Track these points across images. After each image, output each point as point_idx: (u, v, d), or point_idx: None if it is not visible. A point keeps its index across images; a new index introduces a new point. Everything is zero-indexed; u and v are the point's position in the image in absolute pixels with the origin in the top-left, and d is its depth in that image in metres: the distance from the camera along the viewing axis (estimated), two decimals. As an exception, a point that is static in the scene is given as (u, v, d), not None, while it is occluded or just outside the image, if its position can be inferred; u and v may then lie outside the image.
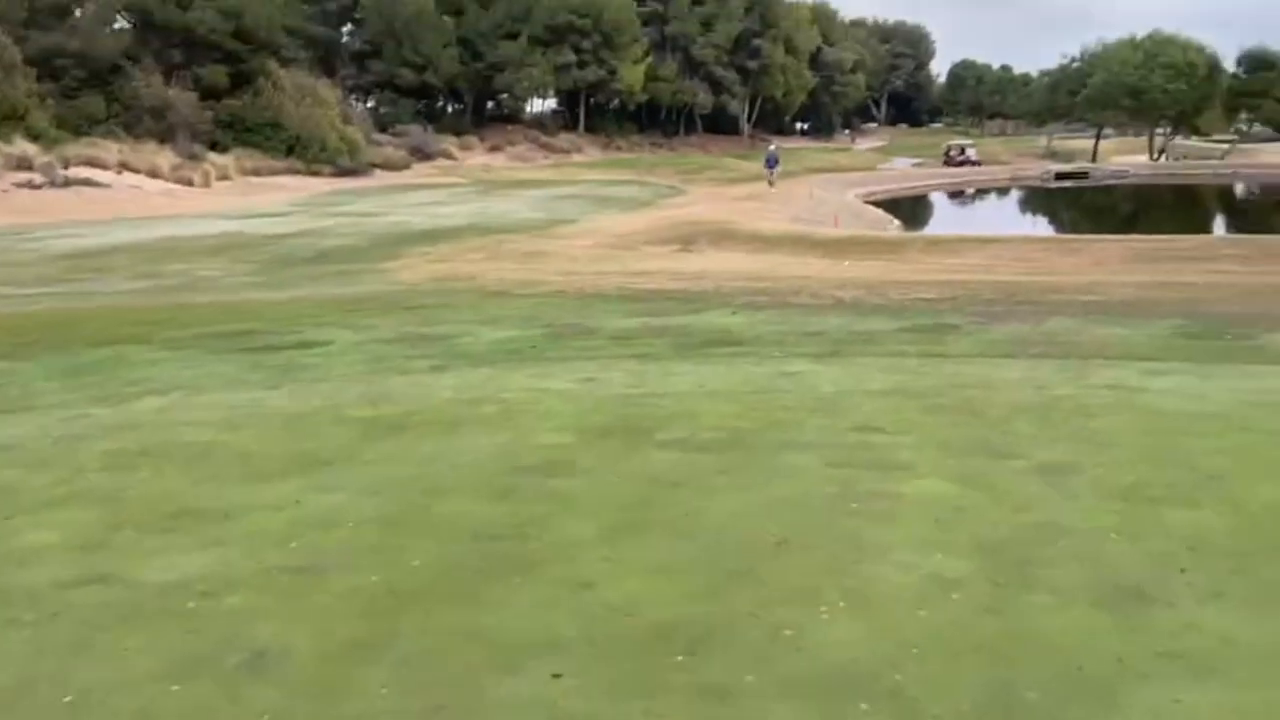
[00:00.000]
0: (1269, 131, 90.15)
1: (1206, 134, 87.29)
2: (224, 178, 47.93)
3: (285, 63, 60.13)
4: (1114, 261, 20.12)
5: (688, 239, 27.50)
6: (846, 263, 20.73)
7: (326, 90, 59.10)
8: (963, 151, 78.96)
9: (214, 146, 50.58)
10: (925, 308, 10.94)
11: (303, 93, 57.02)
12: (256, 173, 51.30)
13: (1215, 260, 19.17)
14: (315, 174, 53.27)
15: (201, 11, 51.45)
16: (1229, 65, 78.43)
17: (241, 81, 54.28)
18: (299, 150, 54.45)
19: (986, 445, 5.88)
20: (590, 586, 4.16)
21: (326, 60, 71.80)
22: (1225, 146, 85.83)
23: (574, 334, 9.89)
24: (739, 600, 3.99)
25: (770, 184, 45.76)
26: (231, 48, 53.03)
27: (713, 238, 27.54)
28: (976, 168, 74.48)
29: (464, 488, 5.41)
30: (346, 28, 74.21)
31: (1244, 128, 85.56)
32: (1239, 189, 65.48)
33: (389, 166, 59.21)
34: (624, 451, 5.95)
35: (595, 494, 5.23)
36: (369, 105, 71.82)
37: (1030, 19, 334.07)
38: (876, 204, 48.41)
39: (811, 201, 41.70)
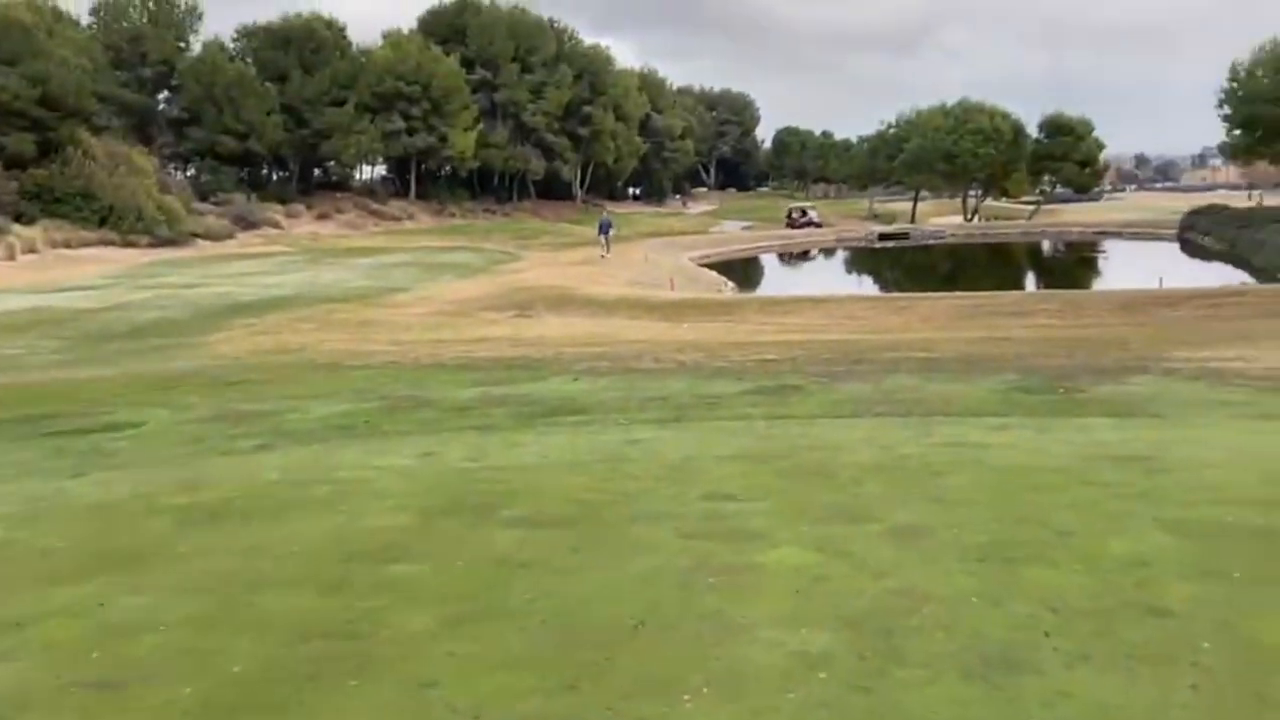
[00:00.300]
0: (1069, 192, 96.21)
1: (1014, 196, 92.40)
2: (31, 251, 45.33)
3: (97, 131, 57.75)
4: (940, 318, 20.76)
5: (525, 305, 27.27)
6: (685, 325, 20.81)
7: (142, 158, 56.93)
8: (804, 214, 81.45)
9: (19, 218, 47.87)
10: (767, 369, 10.91)
11: (116, 161, 54.76)
12: (68, 245, 48.73)
13: (1032, 315, 19.99)
14: (132, 245, 51.02)
15: (4, 78, 48.93)
16: (1032, 130, 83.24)
17: (49, 150, 51.71)
18: (113, 221, 52.07)
19: (840, 509, 5.75)
20: (433, 686, 3.80)
21: (143, 128, 69.33)
22: (1031, 207, 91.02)
23: (410, 406, 9.44)
24: (597, 693, 3.69)
25: (604, 252, 44.89)
26: (37, 115, 50.46)
27: (550, 303, 27.38)
28: (818, 229, 76.64)
29: (291, 580, 4.96)
30: (164, 94, 71.75)
31: (1047, 189, 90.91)
32: (1045, 246, 69.36)
33: (211, 236, 57.16)
34: (467, 532, 5.59)
35: (436, 581, 4.85)
36: (190, 174, 69.42)
37: (844, 89, 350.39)
38: (710, 266, 49.27)
39: (647, 265, 42.10)
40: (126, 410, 10.21)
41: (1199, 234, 56.78)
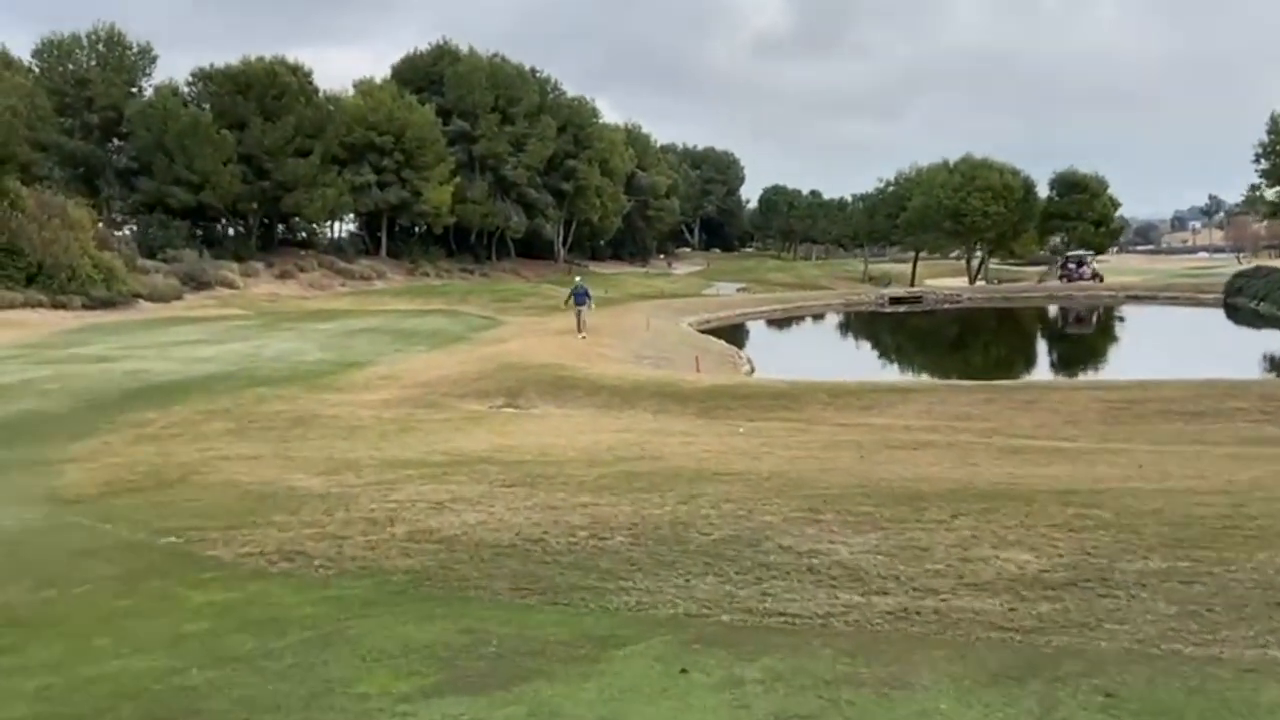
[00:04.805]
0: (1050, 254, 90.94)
1: (1022, 256, 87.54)
2: (-62, 314, 39.31)
3: (35, 180, 52.01)
4: (1090, 419, 14.99)
5: (514, 390, 21.41)
6: (741, 429, 14.96)
7: (79, 210, 50.83)
8: (1081, 264, 73.36)
9: (-71, 277, 41.92)
10: (1079, 616, 5.04)
11: (49, 213, 48.76)
12: (-14, 306, 42.67)
13: (1230, 417, 14.24)
14: (62, 307, 44.95)
15: (-82, 120, 43.12)
16: (1042, 189, 78.54)
17: (-29, 202, 45.88)
18: (42, 280, 46.04)
19: None
20: None
21: (89, 179, 63.40)
22: (1042, 269, 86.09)
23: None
24: None
25: (582, 331, 33.64)
26: (-45, 162, 44.63)
27: (546, 387, 21.55)
28: (1096, 282, 69.14)
29: None
30: (113, 143, 65.67)
31: (1060, 249, 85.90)
32: (1067, 311, 63.92)
33: (156, 297, 51.08)
34: None
35: None
36: (138, 228, 63.24)
37: (825, 152, 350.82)
38: (712, 333, 43.81)
39: (650, 334, 36.34)
40: None
41: (1249, 298, 51.41)
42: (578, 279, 40.98)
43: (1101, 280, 70.09)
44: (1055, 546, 6.39)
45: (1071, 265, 73.25)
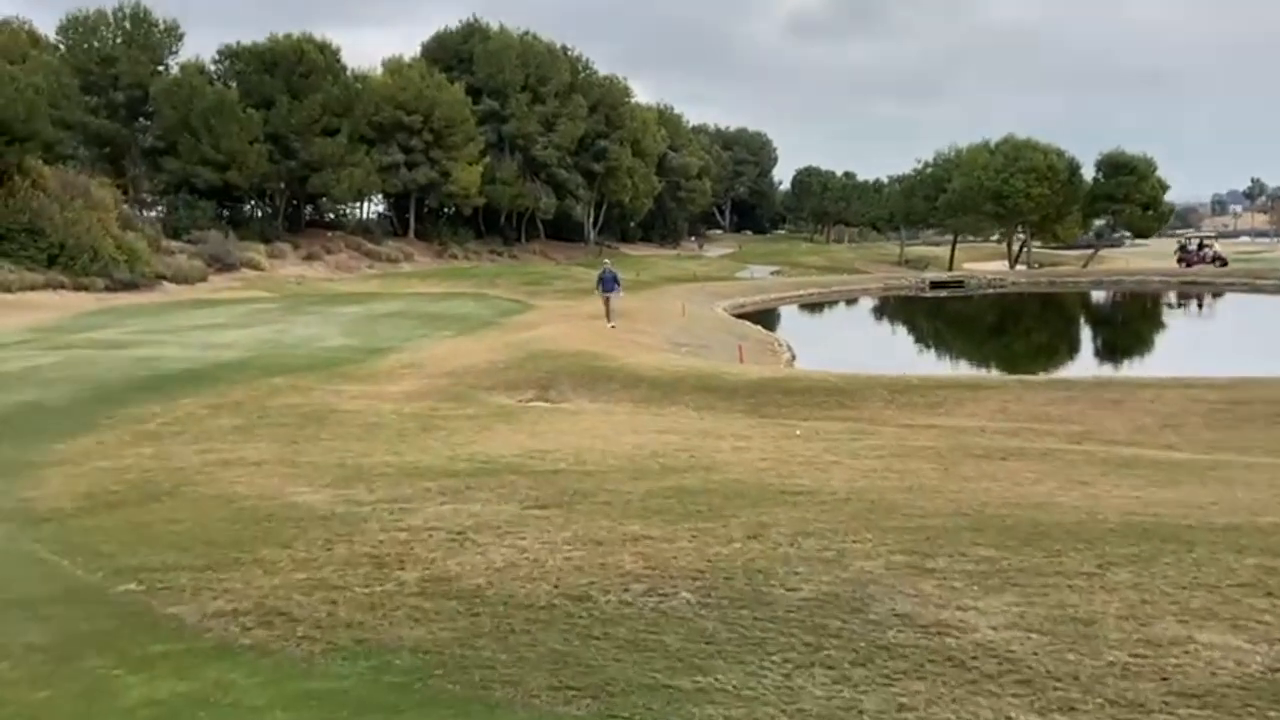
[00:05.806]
0: (1088, 238, 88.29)
1: (1066, 240, 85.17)
2: (-42, 295, 38.38)
3: (59, 160, 51.07)
4: (1191, 423, 13.41)
5: (545, 381, 20.01)
6: (798, 431, 13.47)
7: (103, 190, 49.84)
8: (1201, 247, 69.12)
9: (-52, 257, 40.96)
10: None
11: (72, 193, 47.77)
12: (7, 288, 41.67)
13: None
14: (84, 289, 43.97)
15: (-64, 97, 42.14)
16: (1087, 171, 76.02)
17: (-5, 181, 44.90)
18: (64, 260, 45.06)
19: None
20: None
21: (115, 159, 62.42)
22: (1089, 252, 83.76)
23: None
24: None
25: (611, 320, 31.36)
26: (-22, 141, 43.62)
27: (579, 378, 20.13)
28: (1218, 265, 64.67)
29: None
30: (140, 122, 64.52)
31: (1105, 232, 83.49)
32: (1102, 296, 61.77)
33: (180, 278, 50.05)
34: None
35: None
36: (164, 209, 62.23)
37: (859, 134, 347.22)
38: (748, 317, 42.33)
39: (686, 320, 34.85)
40: None
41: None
42: (606, 262, 38.95)
43: (1225, 264, 66.50)
44: (1262, 622, 4.91)
45: (1191, 249, 70.28)
